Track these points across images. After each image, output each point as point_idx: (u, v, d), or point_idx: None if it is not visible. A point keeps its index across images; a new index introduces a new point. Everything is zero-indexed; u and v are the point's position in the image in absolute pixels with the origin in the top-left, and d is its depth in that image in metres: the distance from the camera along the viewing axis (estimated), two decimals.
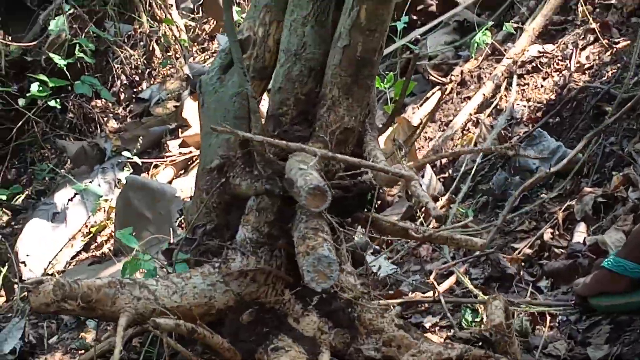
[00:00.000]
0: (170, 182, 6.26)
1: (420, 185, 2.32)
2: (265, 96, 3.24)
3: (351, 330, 2.55)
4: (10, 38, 7.92)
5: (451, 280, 3.76)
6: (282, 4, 2.71)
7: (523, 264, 3.72)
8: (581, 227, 3.78)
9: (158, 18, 8.02)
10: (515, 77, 5.19)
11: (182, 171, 6.41)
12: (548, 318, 3.24)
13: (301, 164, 2.27)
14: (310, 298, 2.56)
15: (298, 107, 2.55)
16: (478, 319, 3.36)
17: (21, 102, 7.56)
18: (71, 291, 2.25)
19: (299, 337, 2.53)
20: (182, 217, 2.81)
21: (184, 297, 2.45)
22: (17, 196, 7.55)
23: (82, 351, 5.01)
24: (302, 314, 2.55)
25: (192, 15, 8.36)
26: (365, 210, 2.71)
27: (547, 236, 3.82)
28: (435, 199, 4.56)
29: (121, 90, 7.99)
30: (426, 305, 3.60)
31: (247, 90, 2.52)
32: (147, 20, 8.01)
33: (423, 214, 4.37)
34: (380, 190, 2.83)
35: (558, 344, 3.04)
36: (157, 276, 2.54)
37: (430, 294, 3.56)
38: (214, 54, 7.62)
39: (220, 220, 2.68)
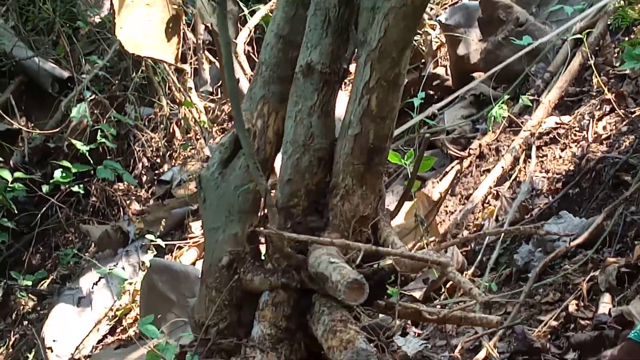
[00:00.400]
0: (193, 264, 6.27)
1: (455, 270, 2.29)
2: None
3: None
4: (32, 125, 8.02)
5: (479, 356, 3.74)
6: (280, 95, 2.70)
7: (550, 336, 3.70)
8: (606, 298, 3.77)
9: (178, 101, 8.10)
10: (533, 148, 5.20)
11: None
12: None
13: (330, 257, 2.25)
14: None
15: (309, 198, 2.53)
16: None
17: (45, 188, 7.63)
18: None
19: None
20: (190, 317, 2.74)
21: None
22: (42, 281, 7.59)
23: None
24: None
25: (211, 97, 8.44)
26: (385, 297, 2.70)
27: (572, 308, 3.80)
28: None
29: (143, 172, 8.05)
30: None
31: (261, 184, 2.47)
32: (167, 103, 8.08)
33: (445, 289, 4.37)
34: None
35: None
36: None
37: None
38: None
39: (233, 317, 2.62)
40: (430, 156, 4.51)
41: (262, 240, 2.72)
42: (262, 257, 2.65)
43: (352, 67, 2.77)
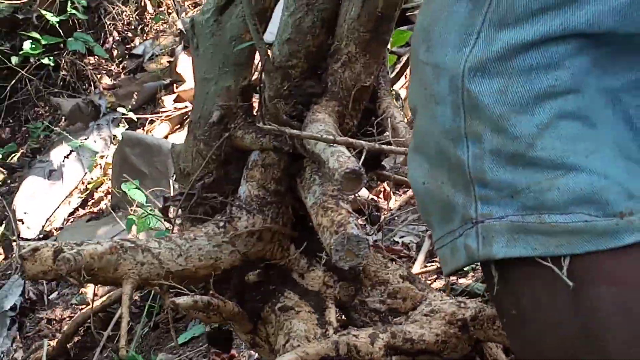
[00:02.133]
0: (166, 137, 6.27)
1: None
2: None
3: (356, 283, 2.50)
4: None
5: None
6: None
7: None
8: None
9: None
10: None
11: (178, 126, 6.43)
12: None
13: (326, 133, 2.15)
14: (316, 254, 2.50)
15: (309, 61, 2.40)
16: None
17: (14, 60, 7.56)
18: (74, 263, 2.11)
19: (304, 293, 2.48)
20: (174, 162, 2.65)
21: (189, 259, 2.36)
22: (12, 155, 7.57)
23: (83, 306, 5.07)
24: (307, 269, 2.49)
25: None
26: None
27: None
28: None
29: (114, 46, 7.97)
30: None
31: (259, 44, 2.28)
32: None
33: None
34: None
35: None
36: (159, 238, 2.42)
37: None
38: None
39: (219, 172, 2.53)
40: (406, 30, 4.45)
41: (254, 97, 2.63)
42: (255, 113, 2.56)
43: None
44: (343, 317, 2.62)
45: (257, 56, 2.52)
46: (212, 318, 2.42)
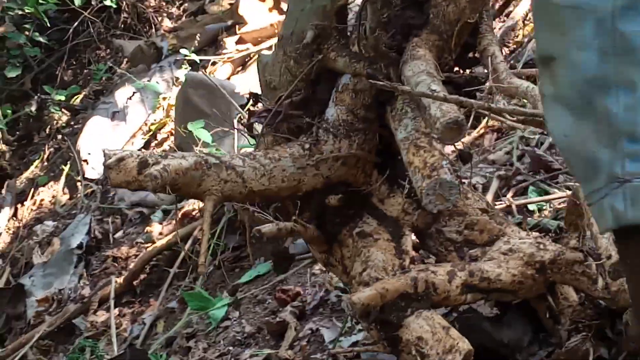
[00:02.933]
0: (228, 79, 6.27)
1: None
2: None
3: (435, 213, 2.41)
4: None
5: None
6: None
7: None
8: None
9: None
10: None
11: (240, 68, 6.42)
12: None
13: (430, 79, 2.07)
14: (398, 180, 2.47)
15: None
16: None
17: (77, 1, 7.56)
18: (160, 180, 2.13)
19: (382, 218, 2.47)
20: (260, 72, 2.56)
21: (272, 180, 2.34)
22: (75, 96, 7.64)
23: (148, 244, 5.13)
24: (387, 195, 2.48)
25: None
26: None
27: None
28: None
29: None
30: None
31: None
32: None
33: None
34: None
35: None
36: (244, 155, 2.39)
37: None
38: None
39: (308, 91, 2.47)
40: None
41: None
42: (348, 35, 2.48)
43: None
44: (418, 242, 2.62)
45: None
46: (293, 235, 2.44)
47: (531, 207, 3.44)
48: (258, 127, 2.61)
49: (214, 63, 6.65)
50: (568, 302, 2.49)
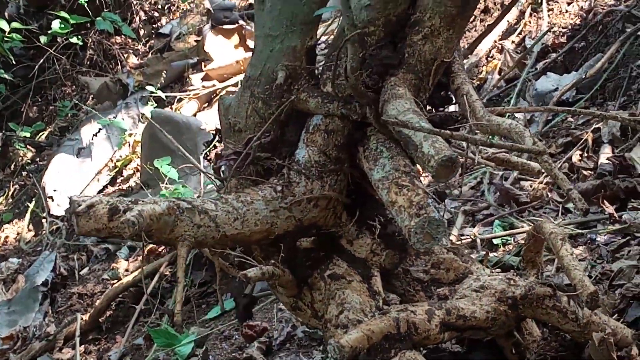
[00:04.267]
0: (194, 115, 6.29)
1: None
2: None
3: (401, 252, 2.49)
4: None
5: None
6: None
7: (552, 186, 3.72)
8: (607, 149, 3.79)
9: None
10: (544, 2, 5.15)
11: (206, 104, 6.45)
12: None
13: (418, 117, 2.04)
14: (367, 221, 2.46)
15: (387, 29, 2.29)
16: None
17: (42, 39, 7.57)
18: (137, 226, 2.08)
19: (351, 260, 2.46)
20: (222, 114, 2.50)
21: (245, 223, 2.31)
22: (40, 133, 7.63)
23: (114, 281, 5.12)
24: (356, 236, 2.46)
25: None
26: None
27: (575, 158, 3.84)
28: None
29: (141, 26, 7.99)
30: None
31: (350, 18, 2.13)
32: None
33: None
34: None
35: (584, 263, 3.03)
36: (215, 198, 2.34)
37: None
38: None
39: (276, 133, 2.44)
40: None
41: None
42: (317, 76, 2.46)
43: None
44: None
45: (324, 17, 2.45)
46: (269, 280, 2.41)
47: (495, 241, 3.46)
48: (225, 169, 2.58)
49: (180, 100, 6.67)
50: (532, 337, 2.51)
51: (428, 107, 2.38)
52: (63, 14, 7.48)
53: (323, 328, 2.40)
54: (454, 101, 2.39)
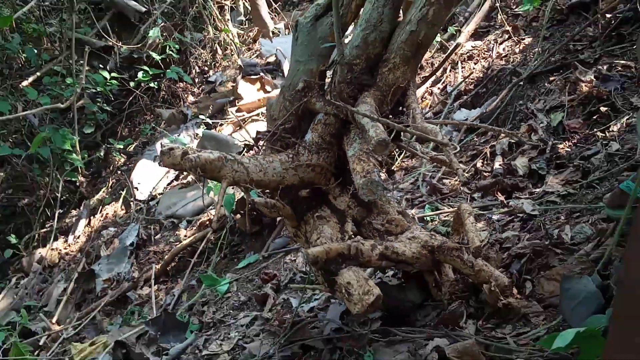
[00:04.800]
0: (230, 135, 6.28)
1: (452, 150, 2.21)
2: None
3: (367, 210, 2.52)
4: (121, 43, 7.89)
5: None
6: None
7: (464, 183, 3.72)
8: (499, 159, 3.80)
9: (219, 28, 7.97)
10: (459, 63, 5.18)
11: (238, 127, 6.43)
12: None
13: (370, 112, 2.15)
14: (347, 186, 2.52)
15: (367, 63, 2.37)
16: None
17: (131, 84, 7.57)
18: (195, 162, 2.15)
19: (334, 209, 2.51)
20: (267, 110, 2.61)
21: (266, 174, 2.35)
22: (130, 145, 7.60)
23: (177, 243, 5.10)
24: (339, 194, 2.51)
25: (242, 26, 8.31)
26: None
27: (479, 164, 3.84)
28: None
29: (196, 76, 7.97)
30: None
31: (340, 47, 2.32)
32: (212, 29, 7.97)
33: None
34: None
35: (485, 232, 3.07)
36: (249, 157, 2.37)
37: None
38: (257, 52, 7.61)
39: (295, 123, 2.52)
40: None
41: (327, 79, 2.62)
42: (325, 89, 2.55)
43: None
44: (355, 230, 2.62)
45: (334, 53, 2.52)
46: (273, 214, 2.46)
47: (427, 218, 3.46)
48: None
49: (221, 124, 6.65)
50: (447, 278, 2.53)
51: (390, 116, 2.42)
52: (145, 67, 7.48)
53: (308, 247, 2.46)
54: (406, 113, 2.43)
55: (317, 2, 2.49)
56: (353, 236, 2.42)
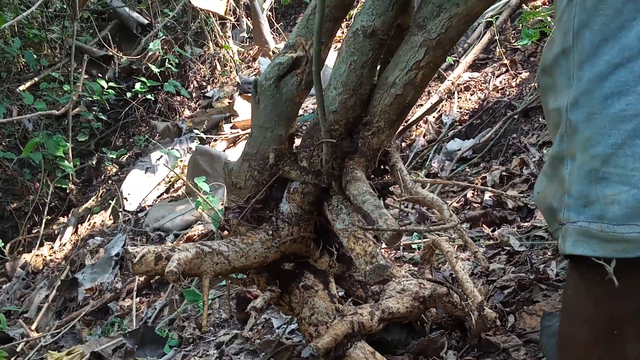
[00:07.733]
0: (224, 150, 6.27)
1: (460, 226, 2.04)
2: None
3: (348, 265, 2.47)
4: (122, 53, 7.90)
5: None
6: (331, 31, 2.32)
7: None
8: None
9: (220, 44, 7.98)
10: (455, 93, 5.18)
11: (232, 144, 6.42)
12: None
13: (373, 198, 1.99)
14: (326, 246, 2.43)
15: (347, 128, 2.23)
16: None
17: (128, 94, 7.57)
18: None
19: (315, 272, 2.43)
20: (226, 174, 2.43)
21: (248, 258, 2.25)
22: (123, 156, 7.58)
23: None
24: (319, 256, 2.42)
25: (243, 43, 8.33)
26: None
27: (469, 195, 3.84)
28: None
29: (193, 90, 7.97)
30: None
31: (324, 124, 2.16)
32: (212, 45, 7.98)
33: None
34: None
35: (469, 264, 3.05)
36: (226, 242, 2.24)
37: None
38: (256, 70, 7.62)
39: (266, 193, 2.36)
40: None
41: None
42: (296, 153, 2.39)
43: None
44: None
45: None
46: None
47: (414, 245, 3.44)
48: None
49: (215, 140, 6.64)
50: (430, 313, 2.51)
51: (372, 176, 2.34)
52: (143, 79, 7.48)
53: (298, 322, 2.37)
54: (389, 173, 2.35)
55: (277, 61, 2.29)
56: (340, 299, 2.38)
